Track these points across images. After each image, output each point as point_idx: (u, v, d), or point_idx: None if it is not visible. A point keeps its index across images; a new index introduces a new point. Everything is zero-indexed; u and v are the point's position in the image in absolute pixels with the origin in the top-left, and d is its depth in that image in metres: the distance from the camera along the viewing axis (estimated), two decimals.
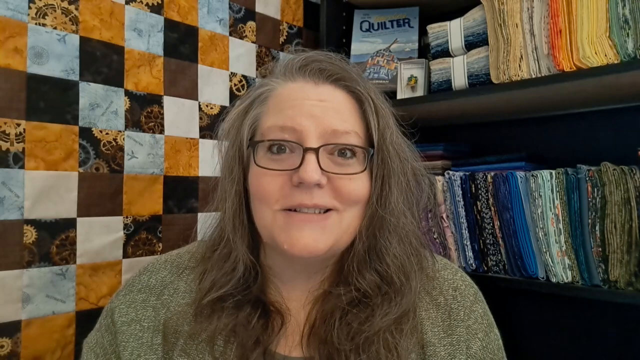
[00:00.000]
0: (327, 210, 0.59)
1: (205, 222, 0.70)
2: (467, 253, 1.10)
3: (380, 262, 0.61)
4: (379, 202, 0.61)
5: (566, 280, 0.96)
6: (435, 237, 1.16)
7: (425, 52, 1.30)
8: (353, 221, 0.60)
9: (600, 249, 0.92)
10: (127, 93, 1.03)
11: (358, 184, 0.60)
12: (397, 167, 0.63)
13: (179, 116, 1.11)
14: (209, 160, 1.15)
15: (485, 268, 1.08)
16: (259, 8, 1.28)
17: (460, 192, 1.10)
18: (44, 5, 0.91)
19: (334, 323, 0.59)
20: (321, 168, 0.57)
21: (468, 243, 1.10)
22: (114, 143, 1.00)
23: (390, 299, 0.60)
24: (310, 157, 0.56)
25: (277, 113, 0.61)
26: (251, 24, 1.27)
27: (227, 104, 1.20)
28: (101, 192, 0.98)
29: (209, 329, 0.60)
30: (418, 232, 0.67)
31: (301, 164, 0.56)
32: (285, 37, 1.35)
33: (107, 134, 0.99)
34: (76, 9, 0.95)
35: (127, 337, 0.63)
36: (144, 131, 1.05)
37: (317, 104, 0.60)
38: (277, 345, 0.62)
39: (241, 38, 1.24)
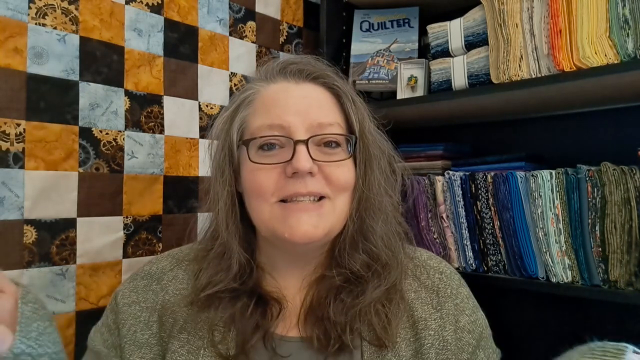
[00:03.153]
0: (321, 198, 0.63)
1: (205, 222, 0.72)
2: (467, 253, 1.10)
3: (369, 242, 0.66)
4: (364, 184, 0.66)
5: (566, 280, 0.96)
6: (435, 237, 1.16)
7: (425, 52, 1.30)
8: (344, 207, 0.65)
9: (600, 249, 0.92)
10: (127, 93, 1.03)
11: (345, 170, 0.65)
12: (377, 152, 0.69)
13: (179, 116, 1.11)
14: (208, 161, 1.15)
15: (485, 268, 1.08)
16: (259, 8, 1.28)
17: (460, 192, 1.10)
18: (44, 5, 0.91)
19: (329, 302, 0.63)
20: (311, 157, 0.61)
21: (468, 243, 1.10)
22: (114, 143, 1.00)
23: (380, 274, 0.65)
24: (301, 148, 0.61)
25: (265, 113, 0.65)
26: (251, 24, 1.27)
27: (227, 104, 1.20)
28: (101, 192, 0.98)
29: (207, 318, 0.63)
30: (398, 214, 0.73)
31: (293, 155, 0.61)
32: (285, 37, 1.35)
33: (107, 134, 0.99)
34: (76, 9, 0.95)
35: (126, 316, 0.67)
36: (144, 131, 1.05)
37: (300, 100, 0.64)
38: (275, 328, 0.65)
39: (241, 38, 1.24)
